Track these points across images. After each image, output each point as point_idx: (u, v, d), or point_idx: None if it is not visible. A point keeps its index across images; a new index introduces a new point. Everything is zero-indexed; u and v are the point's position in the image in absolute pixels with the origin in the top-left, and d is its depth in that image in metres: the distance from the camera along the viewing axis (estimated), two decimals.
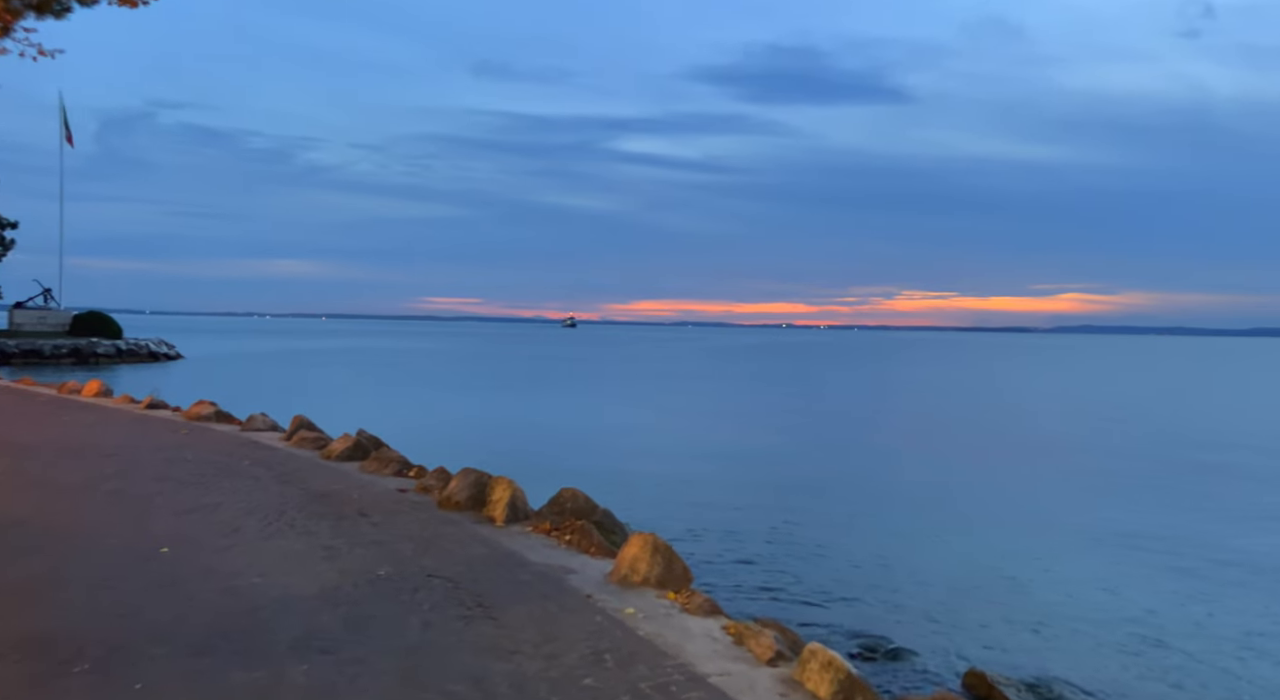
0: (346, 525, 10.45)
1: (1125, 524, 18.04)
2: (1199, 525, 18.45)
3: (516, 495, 10.73)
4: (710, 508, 18.14)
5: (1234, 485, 23.42)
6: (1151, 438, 33.54)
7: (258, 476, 13.49)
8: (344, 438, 15.61)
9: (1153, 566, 14.91)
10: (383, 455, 14.31)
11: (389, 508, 11.50)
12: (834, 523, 17.33)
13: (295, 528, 10.30)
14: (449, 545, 9.62)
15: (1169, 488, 22.90)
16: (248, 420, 18.99)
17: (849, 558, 14.68)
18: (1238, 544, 16.71)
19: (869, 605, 12.24)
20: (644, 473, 22.15)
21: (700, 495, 19.50)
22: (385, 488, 12.86)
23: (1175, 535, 17.21)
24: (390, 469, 13.98)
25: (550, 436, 29.27)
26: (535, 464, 22.24)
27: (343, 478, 13.56)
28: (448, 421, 32.70)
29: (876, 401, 49.96)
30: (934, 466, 25.34)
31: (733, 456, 25.92)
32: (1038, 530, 17.45)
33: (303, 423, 17.56)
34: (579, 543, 9.55)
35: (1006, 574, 14.04)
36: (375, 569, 8.66)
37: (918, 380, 71.79)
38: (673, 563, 8.18)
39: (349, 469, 14.34)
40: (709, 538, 15.56)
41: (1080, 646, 11.01)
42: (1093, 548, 16.16)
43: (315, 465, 14.66)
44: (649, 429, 32.63)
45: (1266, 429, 37.52)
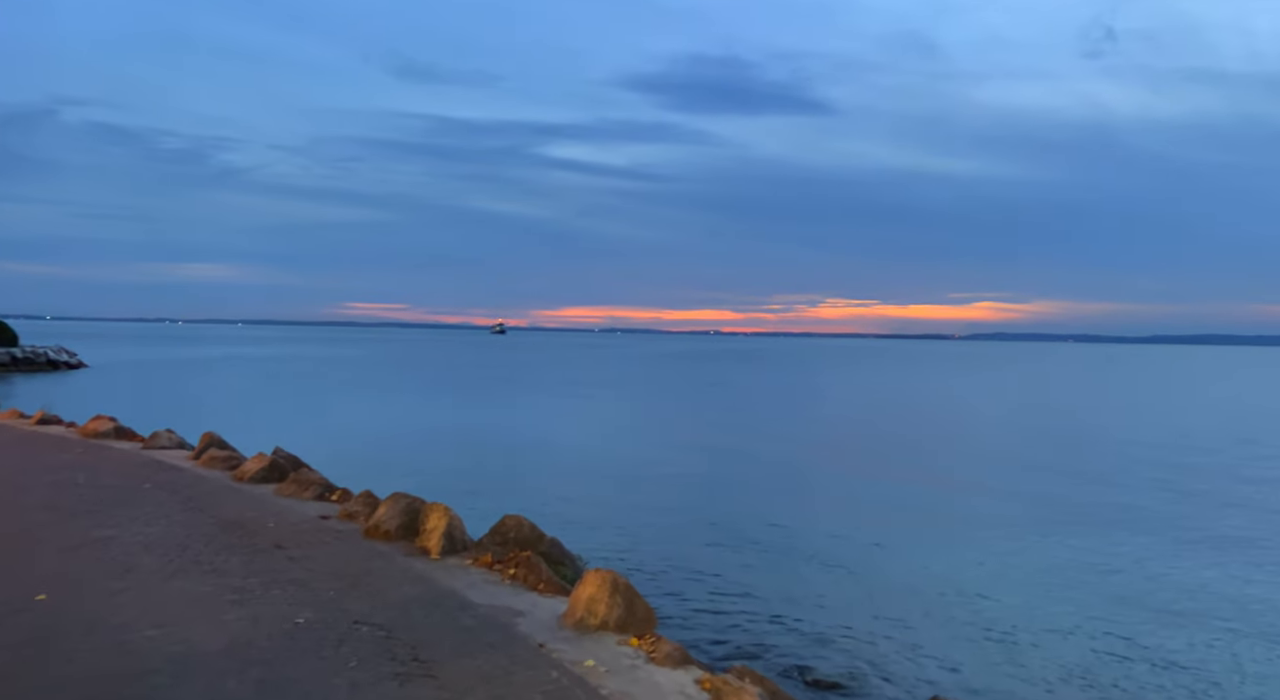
0: (261, 560, 9.30)
1: (1052, 533, 17.90)
2: (1119, 532, 18.57)
3: (453, 524, 9.72)
4: (657, 530, 17.32)
5: (1146, 490, 23.88)
6: (1060, 444, 34.16)
7: (160, 503, 12.13)
8: (259, 457, 14.30)
9: (1084, 582, 14.68)
10: (302, 477, 13.09)
11: (309, 538, 10.35)
12: (781, 541, 16.70)
13: (201, 564, 9.10)
14: (379, 583, 8.57)
15: (1090, 495, 23.22)
16: (151, 437, 17.43)
17: (799, 579, 14.04)
18: (1149, 552, 16.78)
19: (827, 630, 11.59)
20: (586, 492, 21.09)
21: (646, 516, 18.65)
22: (305, 514, 11.67)
23: (1092, 541, 17.15)
24: (311, 492, 12.77)
25: (485, 453, 27.68)
26: (471, 485, 21.08)
27: (257, 503, 12.31)
28: (373, 437, 30.62)
29: (811, 412, 49.96)
30: (868, 476, 25.04)
31: (673, 471, 25.17)
32: (969, 543, 17.13)
33: (213, 440, 16.14)
34: (526, 578, 8.61)
35: (953, 591, 13.59)
36: (294, 615, 7.58)
37: (848, 389, 72.46)
38: (634, 603, 7.32)
39: (264, 493, 13.08)
40: (659, 562, 14.72)
41: (1036, 664, 10.57)
42: (1032, 562, 15.89)
43: (226, 488, 13.34)
44: (588, 443, 31.42)
45: (1171, 433, 38.67)
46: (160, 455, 16.27)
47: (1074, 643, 11.62)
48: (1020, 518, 19.86)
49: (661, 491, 21.62)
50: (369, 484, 13.08)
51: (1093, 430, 39.53)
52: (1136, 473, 26.88)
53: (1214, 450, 32.77)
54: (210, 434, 16.32)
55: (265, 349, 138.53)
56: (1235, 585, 14.69)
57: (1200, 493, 23.49)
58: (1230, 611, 13.24)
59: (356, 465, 22.05)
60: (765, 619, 11.95)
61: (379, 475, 20.72)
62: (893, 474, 25.73)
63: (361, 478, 20.02)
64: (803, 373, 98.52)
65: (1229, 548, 17.41)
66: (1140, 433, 38.56)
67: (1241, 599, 13.92)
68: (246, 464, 14.26)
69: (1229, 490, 24.14)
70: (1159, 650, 11.45)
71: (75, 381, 55.08)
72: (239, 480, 13.86)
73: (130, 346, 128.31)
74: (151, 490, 13.00)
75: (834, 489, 23.18)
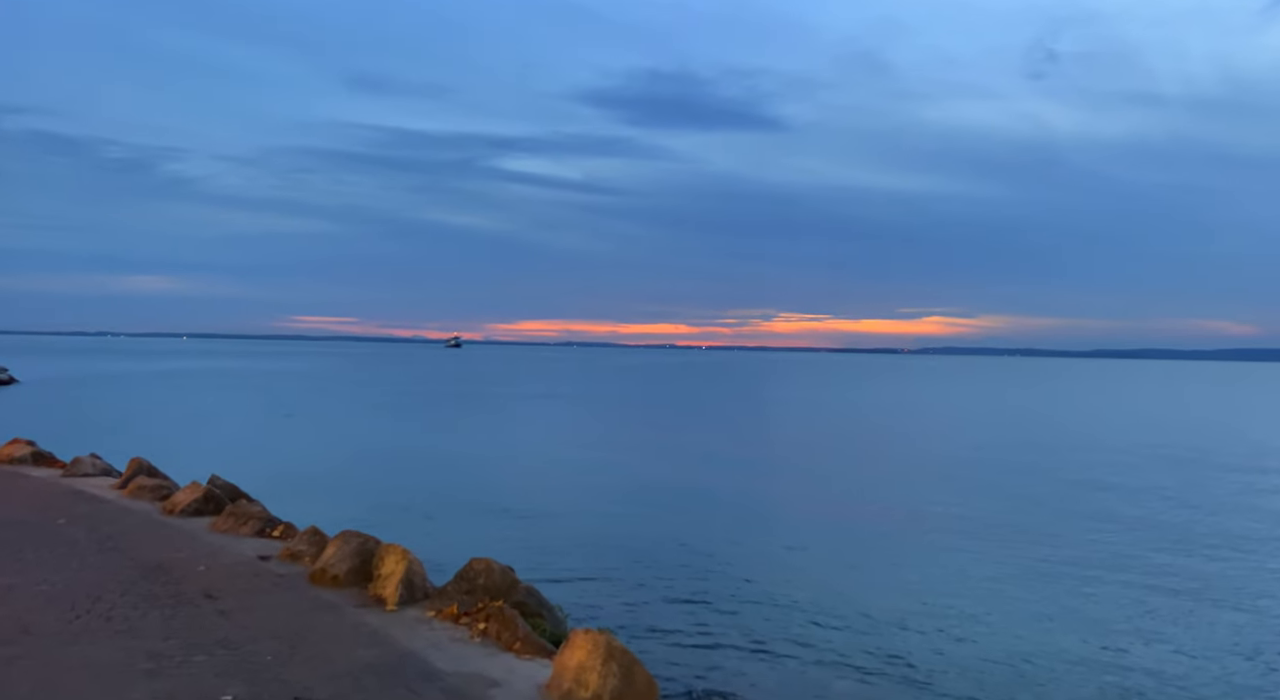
0: (186, 615, 7.97)
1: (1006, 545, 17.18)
2: (1061, 541, 18.49)
3: (412, 569, 8.49)
4: (639, 569, 15.84)
5: (1091, 500, 24.01)
6: (1010, 458, 33.90)
7: (74, 542, 10.67)
8: (192, 487, 12.86)
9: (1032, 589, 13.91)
10: (240, 510, 11.71)
11: (246, 585, 9.03)
12: (770, 575, 15.59)
13: (113, 621, 7.75)
14: (325, 645, 7.31)
15: (1040, 506, 23.26)
16: (72, 463, 15.83)
17: (795, 615, 12.97)
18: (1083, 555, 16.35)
19: (830, 671, 10.54)
20: (558, 525, 19.22)
21: (625, 553, 17.13)
22: (242, 554, 10.31)
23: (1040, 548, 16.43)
24: (249, 528, 11.40)
25: (444, 479, 25.48)
26: (430, 517, 19.63)
27: (188, 541, 10.91)
28: (321, 461, 28.19)
29: (780, 428, 49.15)
30: (843, 495, 24.17)
31: (651, 498, 23.85)
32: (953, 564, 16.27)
33: (141, 467, 14.62)
34: (499, 634, 7.41)
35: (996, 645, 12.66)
36: (219, 690, 6.30)
37: (805, 403, 71.98)
38: (633, 673, 6.17)
39: (197, 528, 11.67)
40: (652, 614, 13.20)
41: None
42: (1010, 575, 15.08)
43: (153, 523, 11.90)
44: (556, 468, 29.02)
45: (1119, 442, 38.71)
46: (82, 484, 14.71)
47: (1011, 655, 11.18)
48: (985, 531, 19.27)
49: (639, 524, 20.30)
50: (315, 516, 11.80)
51: (1036, 444, 39.37)
52: (1073, 486, 26.95)
53: (1134, 466, 32.55)
54: (138, 460, 14.80)
55: (209, 363, 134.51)
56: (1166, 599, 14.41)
57: (1128, 507, 23.07)
58: (1160, 626, 13.04)
59: (302, 494, 20.50)
60: (770, 672, 10.84)
61: (327, 506, 19.24)
62: (880, 497, 24.88)
63: (307, 509, 18.52)
64: (763, 387, 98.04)
65: (1141, 564, 17.13)
66: (1078, 444, 38.41)
67: (1172, 613, 13.75)
68: (178, 495, 12.81)
69: (1149, 503, 24.14)
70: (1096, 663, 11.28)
71: (2, 399, 52.20)
72: (169, 513, 12.42)
73: (67, 361, 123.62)
74: (66, 526, 11.51)
75: (814, 512, 22.21)
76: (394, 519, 18.30)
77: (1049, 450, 37.11)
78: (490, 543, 16.99)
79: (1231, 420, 59.53)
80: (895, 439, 41.85)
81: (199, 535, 11.26)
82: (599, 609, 13.10)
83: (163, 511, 12.55)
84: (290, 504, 18.40)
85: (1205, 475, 29.93)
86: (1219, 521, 21.54)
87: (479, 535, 17.82)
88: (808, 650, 11.49)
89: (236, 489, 13.44)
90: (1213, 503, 24.32)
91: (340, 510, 18.69)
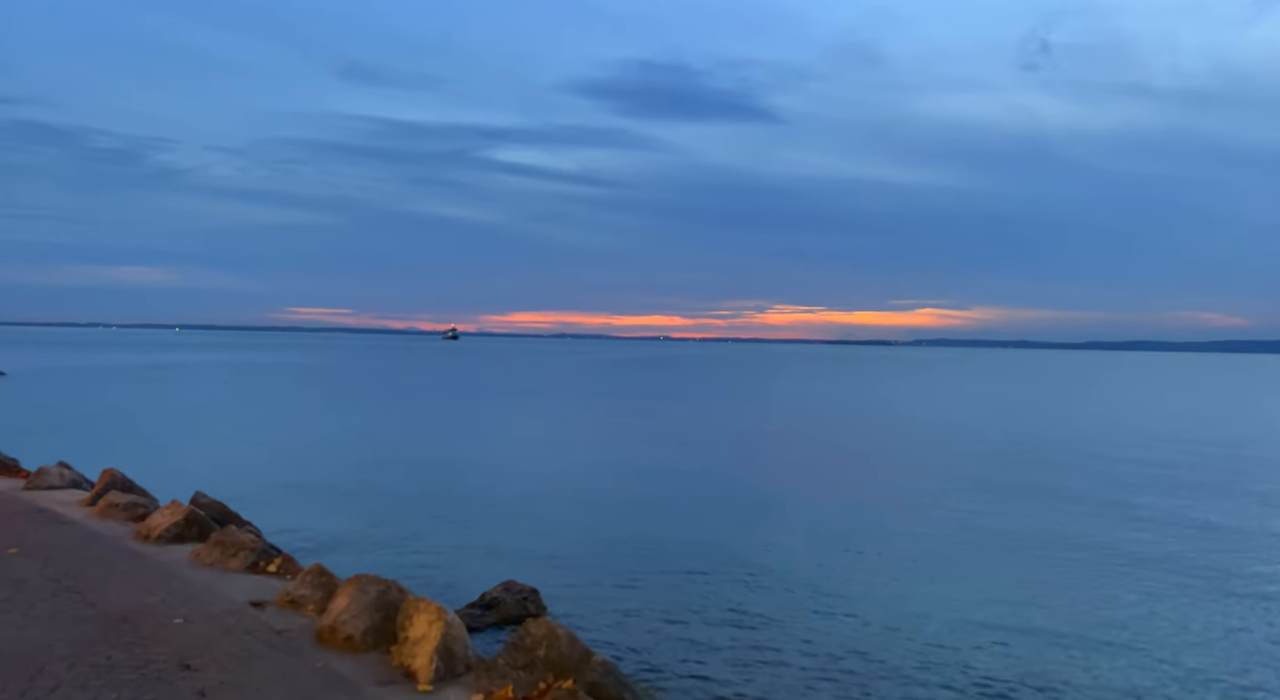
0: (153, 697, 6.00)
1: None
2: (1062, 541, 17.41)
3: (452, 634, 6.53)
4: (671, 581, 14.10)
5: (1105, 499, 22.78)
6: (1001, 448, 32.52)
7: (23, 582, 8.68)
8: (172, 507, 10.86)
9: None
10: (229, 538, 9.72)
11: (234, 647, 7.06)
12: (805, 583, 13.70)
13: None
14: None
15: (1036, 500, 22.21)
16: (37, 474, 13.80)
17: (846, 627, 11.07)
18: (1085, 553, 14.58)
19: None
20: (575, 534, 17.18)
21: (652, 565, 15.28)
22: (230, 599, 8.34)
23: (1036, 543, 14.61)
24: (240, 560, 9.42)
25: (455, 483, 22.77)
26: (440, 526, 17.50)
27: (164, 579, 8.93)
28: (321, 467, 25.19)
29: (787, 422, 47.21)
30: (856, 496, 22.30)
31: (669, 498, 21.95)
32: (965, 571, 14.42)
33: (115, 480, 12.61)
34: None
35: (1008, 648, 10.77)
36: None
37: (817, 395, 70.04)
38: None
39: (176, 560, 9.69)
40: (687, 638, 11.47)
41: None
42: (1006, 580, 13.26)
43: (124, 553, 9.90)
44: (570, 468, 26.41)
45: (1113, 434, 37.30)
46: (45, 499, 12.69)
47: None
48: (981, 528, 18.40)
49: (660, 528, 18.35)
50: (317, 533, 9.95)
51: (1028, 434, 37.88)
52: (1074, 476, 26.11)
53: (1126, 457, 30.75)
54: (111, 472, 12.78)
55: (201, 355, 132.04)
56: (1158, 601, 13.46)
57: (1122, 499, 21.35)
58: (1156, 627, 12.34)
59: (301, 507, 18.36)
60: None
61: (331, 523, 17.13)
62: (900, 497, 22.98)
63: (309, 525, 16.54)
64: (763, 379, 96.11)
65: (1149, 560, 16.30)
66: (1067, 434, 36.67)
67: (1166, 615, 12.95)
68: (155, 516, 10.82)
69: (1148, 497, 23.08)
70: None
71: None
72: (144, 539, 10.43)
73: (55, 353, 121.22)
74: (16, 559, 9.51)
75: (843, 516, 20.28)
76: (407, 542, 16.22)
77: (1052, 442, 35.42)
78: (510, 558, 15.16)
79: (1238, 411, 58.13)
80: (897, 432, 39.95)
81: (178, 570, 9.28)
82: (645, 651, 11.14)
83: (136, 536, 10.56)
84: (288, 518, 16.46)
85: (1224, 468, 28.65)
86: (1243, 514, 20.55)
87: (497, 549, 15.88)
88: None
89: (224, 508, 11.47)
90: (1236, 496, 23.39)
91: (342, 523, 16.71)
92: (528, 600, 13.41)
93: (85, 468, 16.11)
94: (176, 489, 17.82)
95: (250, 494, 19.24)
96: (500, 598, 13.36)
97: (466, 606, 13.21)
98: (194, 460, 24.54)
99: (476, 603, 13.29)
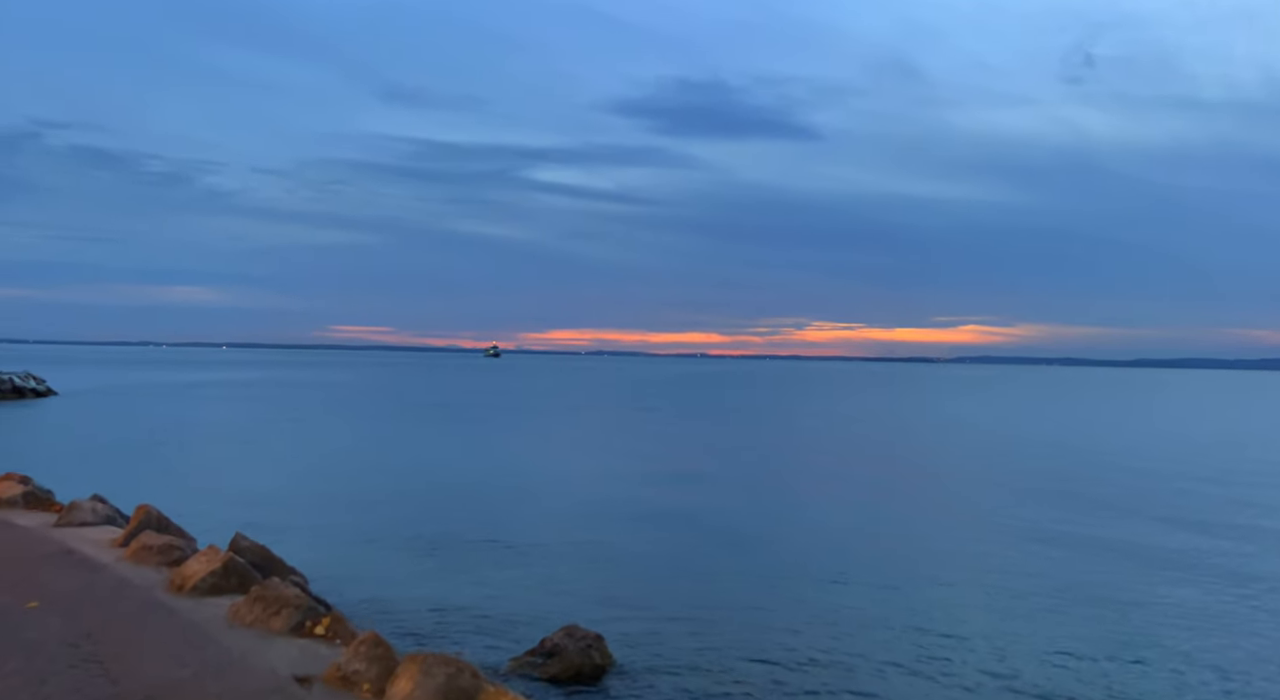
0: None
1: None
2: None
3: None
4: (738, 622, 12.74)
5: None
6: (1049, 468, 30.51)
7: (38, 647, 7.57)
8: (209, 554, 9.73)
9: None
10: (271, 592, 8.54)
11: None
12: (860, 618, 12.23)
13: None
14: None
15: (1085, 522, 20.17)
16: (69, 508, 12.80)
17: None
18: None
19: None
20: (637, 568, 15.79)
21: (719, 608, 13.99)
22: (271, 672, 7.13)
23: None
24: (282, 620, 8.23)
25: (519, 517, 20.56)
26: (511, 575, 15.38)
27: (198, 644, 7.76)
28: (366, 492, 23.53)
29: (848, 443, 45.46)
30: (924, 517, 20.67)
31: (732, 530, 20.54)
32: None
33: (149, 518, 11.55)
34: None
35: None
36: None
37: (870, 415, 68.01)
38: None
39: (213, 616, 8.53)
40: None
41: None
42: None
43: (155, 609, 8.77)
44: (644, 499, 23.41)
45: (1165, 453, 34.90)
46: (76, 538, 11.67)
47: None
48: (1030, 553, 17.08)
49: (719, 562, 16.95)
50: (364, 572, 8.76)
51: (1079, 454, 35.63)
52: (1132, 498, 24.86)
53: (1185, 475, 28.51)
54: (146, 509, 11.72)
55: (248, 373, 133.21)
56: None
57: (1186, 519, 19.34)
58: None
59: (346, 541, 17.14)
60: None
61: (377, 558, 15.89)
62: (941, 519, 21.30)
63: (353, 560, 15.36)
64: (809, 396, 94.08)
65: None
66: (1121, 455, 34.43)
67: None
68: (191, 563, 9.69)
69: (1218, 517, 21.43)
70: None
71: (35, 413, 50.09)
72: (177, 591, 9.30)
73: (107, 371, 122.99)
74: (36, 615, 8.42)
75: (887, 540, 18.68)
76: (452, 565, 15.07)
77: (1115, 467, 33.20)
78: (570, 596, 14.07)
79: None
80: (971, 454, 37.99)
81: (214, 632, 8.11)
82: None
83: (170, 587, 9.44)
84: (329, 550, 15.40)
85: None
86: None
87: (556, 585, 14.71)
88: None
89: (266, 552, 10.33)
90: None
91: (389, 557, 15.60)
92: (592, 648, 12.12)
93: (122, 497, 15.17)
94: (215, 522, 16.85)
95: (291, 524, 18.24)
96: (562, 645, 12.09)
97: (526, 653, 11.99)
98: (234, 487, 23.56)
99: (537, 650, 12.05)
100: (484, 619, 12.70)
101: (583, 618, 12.44)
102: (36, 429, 40.58)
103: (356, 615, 11.87)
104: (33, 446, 31.78)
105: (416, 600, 13.29)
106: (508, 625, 12.57)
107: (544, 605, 13.48)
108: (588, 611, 13.07)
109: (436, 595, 13.64)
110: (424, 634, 11.82)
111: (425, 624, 12.24)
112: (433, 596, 13.57)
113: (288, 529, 17.66)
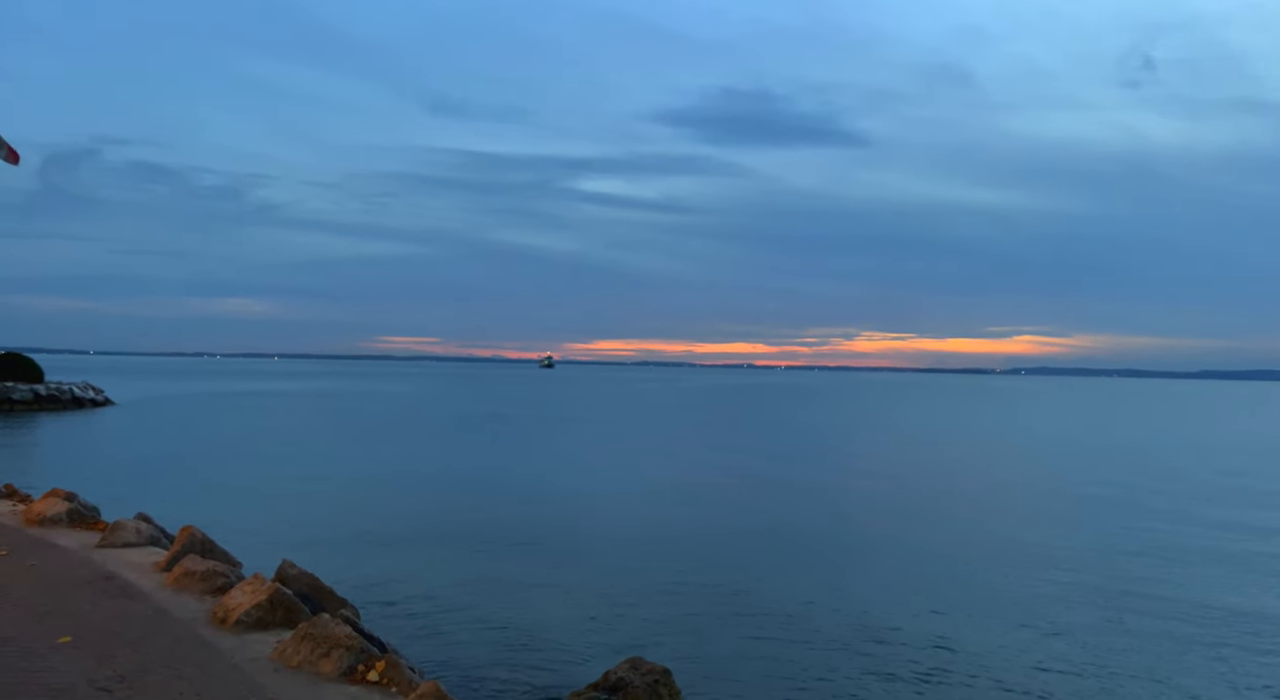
0: None
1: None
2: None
3: None
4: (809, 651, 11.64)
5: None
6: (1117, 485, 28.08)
7: (65, 692, 6.80)
8: (254, 583, 8.94)
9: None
10: (320, 631, 7.69)
11: None
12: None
13: None
14: None
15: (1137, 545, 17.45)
16: (113, 528, 12.17)
17: None
18: None
19: None
20: (730, 614, 13.84)
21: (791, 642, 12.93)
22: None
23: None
24: (333, 662, 7.38)
25: (580, 538, 19.47)
26: (571, 602, 14.46)
27: (240, 691, 6.93)
28: (420, 510, 22.58)
29: (914, 458, 43.86)
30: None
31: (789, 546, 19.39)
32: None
33: (194, 541, 10.84)
34: None
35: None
36: None
37: (932, 429, 65.99)
38: None
39: (257, 655, 7.72)
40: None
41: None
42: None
43: (196, 647, 7.98)
44: (712, 519, 22.21)
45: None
46: (117, 560, 11.00)
47: None
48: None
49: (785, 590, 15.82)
50: (420, 598, 7.89)
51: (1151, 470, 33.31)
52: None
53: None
54: (190, 530, 11.01)
55: (300, 383, 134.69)
56: None
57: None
58: None
59: (400, 564, 16.32)
60: None
61: (432, 582, 14.92)
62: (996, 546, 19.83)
63: (408, 585, 14.55)
64: (864, 408, 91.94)
65: None
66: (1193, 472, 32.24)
67: None
68: (235, 593, 8.91)
69: None
70: None
71: (93, 423, 50.59)
72: (220, 623, 8.52)
73: (164, 382, 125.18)
74: (67, 653, 7.68)
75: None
76: (507, 589, 14.17)
77: (1197, 478, 31.11)
78: (632, 625, 13.17)
79: None
80: (1011, 470, 36.18)
81: (258, 675, 7.28)
82: None
83: (213, 619, 8.66)
84: (382, 573, 14.61)
85: None
86: None
87: (618, 613, 13.79)
88: None
89: (315, 581, 9.52)
90: None
91: (444, 582, 14.71)
92: (660, 683, 11.11)
93: (168, 514, 14.57)
94: (263, 540, 16.18)
95: (342, 544, 17.51)
96: (627, 679, 11.08)
97: (588, 688, 11.02)
98: (282, 505, 22.90)
99: (600, 684, 11.07)
100: (542, 650, 11.82)
101: (648, 648, 11.54)
102: (92, 439, 40.81)
103: (407, 646, 11.04)
104: (86, 457, 31.79)
105: (470, 628, 12.46)
106: (567, 656, 11.68)
107: (605, 634, 12.59)
108: (653, 641, 12.14)
109: (492, 622, 12.79)
110: (480, 665, 10.96)
111: (480, 655, 11.38)
112: (488, 623, 12.72)
113: (338, 549, 16.96)
